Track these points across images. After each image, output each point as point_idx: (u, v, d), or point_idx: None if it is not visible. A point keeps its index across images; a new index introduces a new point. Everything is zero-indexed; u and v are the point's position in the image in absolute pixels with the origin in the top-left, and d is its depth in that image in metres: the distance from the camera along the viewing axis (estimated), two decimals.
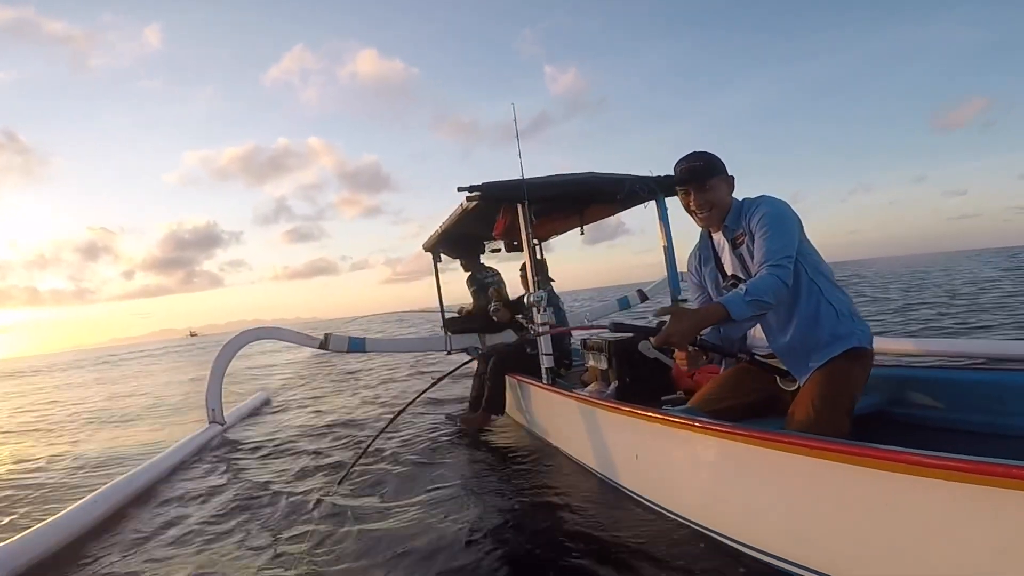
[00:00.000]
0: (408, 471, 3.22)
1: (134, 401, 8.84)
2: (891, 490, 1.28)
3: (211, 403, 4.78)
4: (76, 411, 8.27)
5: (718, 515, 1.83)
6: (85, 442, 5.45)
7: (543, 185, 3.18)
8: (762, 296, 1.63)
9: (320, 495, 2.90)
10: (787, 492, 1.57)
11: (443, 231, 4.24)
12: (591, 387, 2.92)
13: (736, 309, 1.64)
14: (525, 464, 3.10)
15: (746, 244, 1.82)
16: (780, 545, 1.60)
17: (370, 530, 2.37)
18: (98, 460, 4.46)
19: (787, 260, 1.68)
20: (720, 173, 1.87)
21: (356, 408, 5.64)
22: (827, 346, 1.75)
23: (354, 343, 5.00)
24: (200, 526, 2.66)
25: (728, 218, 1.88)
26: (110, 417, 7.12)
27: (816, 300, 1.77)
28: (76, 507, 2.79)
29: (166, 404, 7.83)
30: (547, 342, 3.06)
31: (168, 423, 6.12)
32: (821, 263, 1.83)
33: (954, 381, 2.07)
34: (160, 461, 3.70)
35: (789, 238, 1.72)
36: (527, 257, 3.30)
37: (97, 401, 9.55)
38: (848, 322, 1.77)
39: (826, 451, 1.40)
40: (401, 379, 7.58)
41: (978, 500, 1.13)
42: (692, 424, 1.81)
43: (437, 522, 2.37)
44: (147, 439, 5.19)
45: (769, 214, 1.75)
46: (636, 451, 2.22)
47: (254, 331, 5.13)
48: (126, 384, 12.68)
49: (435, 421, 4.45)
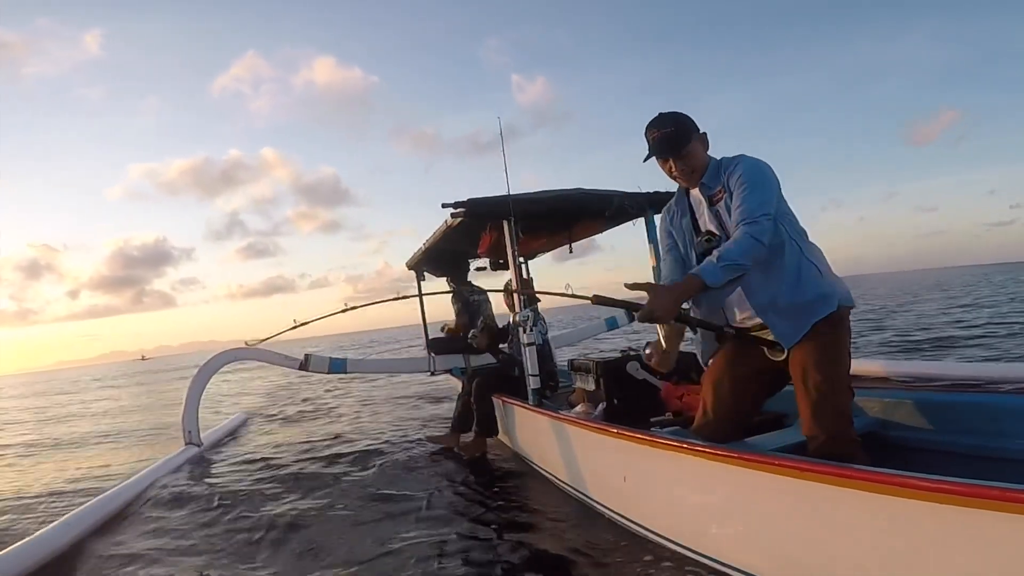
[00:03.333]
0: (387, 493, 3.15)
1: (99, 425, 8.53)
2: (886, 514, 1.27)
3: (187, 424, 4.65)
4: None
5: (708, 539, 1.79)
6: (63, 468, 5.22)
7: (530, 201, 3.16)
8: (736, 259, 1.60)
9: (295, 515, 2.84)
10: (780, 516, 1.54)
11: (427, 248, 4.21)
12: (578, 408, 2.88)
13: (711, 276, 1.60)
14: (510, 486, 3.05)
15: (724, 201, 1.78)
16: (773, 570, 1.57)
17: (347, 559, 2.31)
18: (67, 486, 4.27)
19: (764, 218, 1.64)
20: (694, 134, 1.81)
21: (338, 426, 5.52)
22: (810, 305, 1.70)
23: (335, 364, 4.91)
24: (172, 549, 2.59)
25: (706, 175, 1.83)
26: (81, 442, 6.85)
27: (797, 259, 1.74)
28: (46, 531, 2.70)
29: (133, 431, 7.54)
30: (533, 362, 3.02)
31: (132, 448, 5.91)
32: (796, 222, 1.81)
33: (948, 403, 2.07)
34: (133, 484, 3.59)
35: (768, 195, 1.69)
36: (513, 275, 3.27)
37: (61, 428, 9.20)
38: (829, 281, 1.74)
39: (820, 474, 1.38)
40: (380, 397, 7.46)
41: (974, 524, 1.12)
42: (682, 446, 1.78)
43: (415, 547, 2.32)
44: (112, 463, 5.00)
45: (748, 171, 1.72)
46: (624, 474, 2.17)
47: (232, 352, 5.01)
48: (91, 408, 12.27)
49: (416, 441, 4.38)
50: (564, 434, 2.66)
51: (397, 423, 5.37)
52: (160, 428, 6.91)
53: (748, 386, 1.88)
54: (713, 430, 1.89)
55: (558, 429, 2.70)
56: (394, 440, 4.48)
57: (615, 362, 2.84)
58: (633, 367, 2.79)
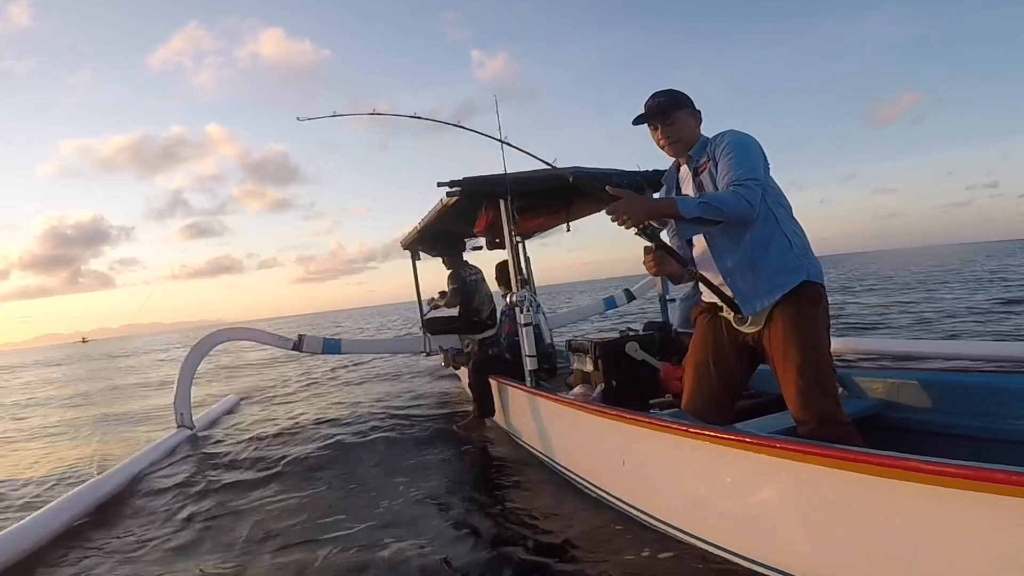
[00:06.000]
0: (379, 474, 3.16)
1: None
2: (888, 497, 1.25)
3: (179, 407, 4.62)
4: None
5: (708, 523, 1.79)
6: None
7: (526, 180, 3.11)
8: (716, 202, 1.63)
9: (288, 500, 2.83)
10: (780, 499, 1.53)
11: (422, 228, 4.14)
12: (576, 390, 2.87)
13: (685, 206, 1.64)
14: (506, 470, 3.04)
15: (708, 170, 1.82)
16: (773, 554, 1.56)
17: (338, 537, 2.33)
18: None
19: (753, 183, 1.67)
20: (686, 107, 1.88)
21: (330, 407, 5.50)
22: (773, 275, 1.72)
23: (329, 344, 4.88)
24: (164, 534, 2.57)
25: (694, 149, 1.89)
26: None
27: (771, 228, 1.76)
28: (36, 516, 2.66)
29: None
30: (530, 343, 2.99)
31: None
32: (782, 196, 1.83)
33: (952, 384, 2.05)
34: (126, 467, 3.56)
35: (754, 163, 1.72)
36: (510, 255, 3.22)
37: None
38: (800, 255, 1.75)
39: (821, 456, 1.36)
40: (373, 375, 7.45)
41: (978, 507, 1.11)
42: (681, 428, 1.76)
43: (408, 531, 2.32)
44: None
45: (734, 142, 1.77)
46: (623, 457, 2.16)
47: (224, 332, 4.97)
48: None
49: (408, 421, 4.38)
50: (561, 416, 2.64)
51: (388, 403, 5.37)
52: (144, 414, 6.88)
53: (725, 362, 1.91)
54: (699, 409, 1.93)
55: (555, 411, 2.69)
56: (385, 421, 4.47)
57: (614, 343, 2.81)
58: (632, 348, 2.77)
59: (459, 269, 4.89)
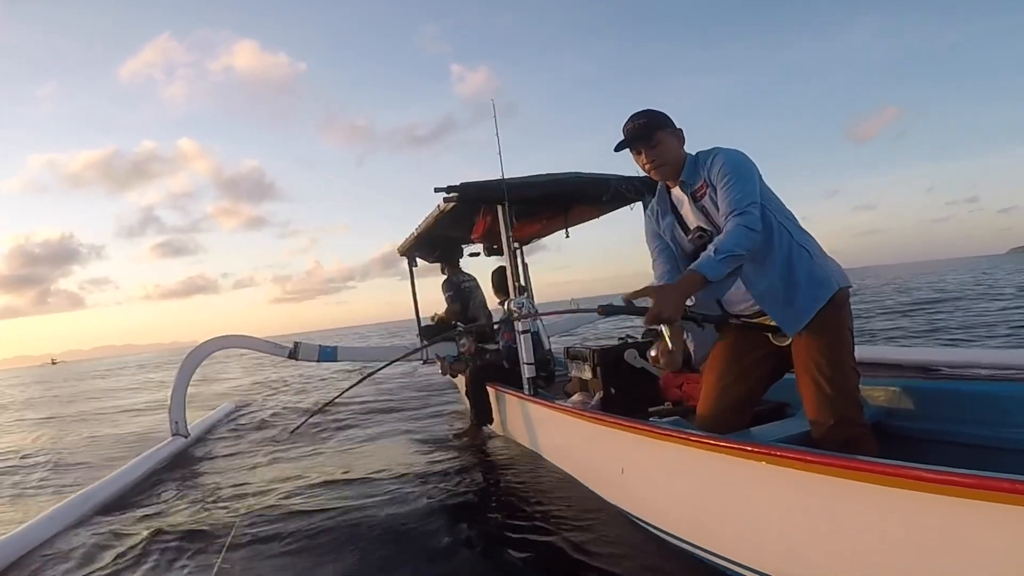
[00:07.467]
0: (377, 483, 3.12)
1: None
2: (890, 506, 1.24)
3: (174, 415, 4.57)
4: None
5: (708, 533, 1.77)
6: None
7: (524, 185, 3.11)
8: (733, 250, 1.62)
9: (283, 508, 2.79)
10: (781, 508, 1.51)
11: (419, 234, 4.13)
12: (575, 398, 2.85)
13: (711, 270, 1.61)
14: (506, 476, 3.01)
15: (708, 195, 1.80)
16: (774, 564, 1.54)
17: (334, 543, 2.32)
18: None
19: (752, 206, 1.67)
20: (666, 126, 1.84)
21: (325, 415, 5.44)
22: (807, 290, 1.72)
23: (325, 352, 4.85)
24: (156, 543, 2.54)
25: (684, 172, 1.85)
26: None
27: (788, 245, 1.76)
28: (27, 526, 2.64)
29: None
30: (528, 350, 2.98)
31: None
32: (783, 206, 1.82)
33: (953, 392, 2.04)
34: (119, 476, 3.52)
35: (751, 185, 1.72)
36: (507, 261, 3.21)
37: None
38: (822, 264, 1.76)
39: (822, 465, 1.35)
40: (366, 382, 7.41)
41: (981, 516, 1.09)
42: (680, 437, 1.75)
43: (407, 538, 2.30)
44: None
45: (728, 163, 1.74)
46: (622, 465, 2.14)
47: (220, 339, 4.93)
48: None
49: (403, 429, 4.35)
50: (560, 424, 2.62)
51: (384, 410, 5.33)
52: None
53: (752, 371, 1.89)
54: (718, 419, 1.89)
55: (554, 419, 2.67)
56: (380, 429, 4.45)
57: (612, 350, 2.80)
58: (631, 355, 2.76)
59: (454, 275, 4.88)
